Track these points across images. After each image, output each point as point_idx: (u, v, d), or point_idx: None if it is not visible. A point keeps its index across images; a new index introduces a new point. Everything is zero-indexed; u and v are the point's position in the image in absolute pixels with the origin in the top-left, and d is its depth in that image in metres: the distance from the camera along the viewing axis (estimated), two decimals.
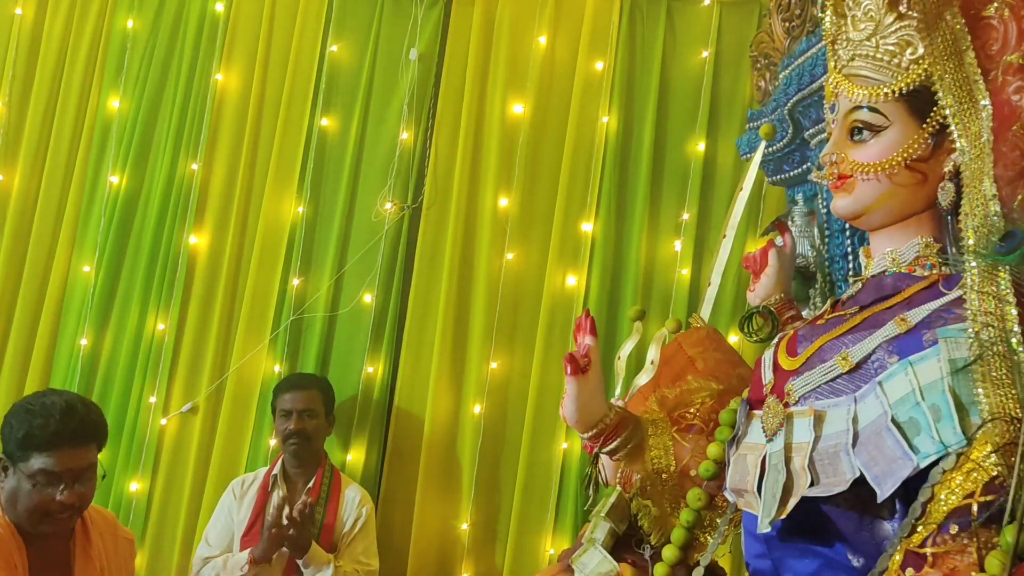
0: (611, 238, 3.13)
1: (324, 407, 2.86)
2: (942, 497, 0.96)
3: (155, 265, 3.29)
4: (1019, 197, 1.03)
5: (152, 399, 3.20)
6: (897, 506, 1.04)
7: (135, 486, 3.17)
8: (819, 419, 1.11)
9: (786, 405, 1.18)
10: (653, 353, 1.74)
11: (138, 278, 3.29)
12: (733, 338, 2.62)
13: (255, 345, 3.21)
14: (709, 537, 1.50)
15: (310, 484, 2.79)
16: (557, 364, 3.07)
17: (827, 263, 1.90)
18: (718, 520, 1.47)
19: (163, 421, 3.20)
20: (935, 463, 0.99)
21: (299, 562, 2.61)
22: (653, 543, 1.62)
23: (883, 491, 1.02)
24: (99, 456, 1.97)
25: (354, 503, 2.81)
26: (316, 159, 3.31)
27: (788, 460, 1.13)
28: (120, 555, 2.12)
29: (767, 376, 1.27)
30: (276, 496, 2.75)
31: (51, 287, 3.34)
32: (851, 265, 1.78)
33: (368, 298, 3.21)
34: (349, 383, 3.19)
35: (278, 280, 3.25)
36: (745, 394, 1.37)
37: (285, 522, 2.55)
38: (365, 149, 3.30)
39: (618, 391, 1.93)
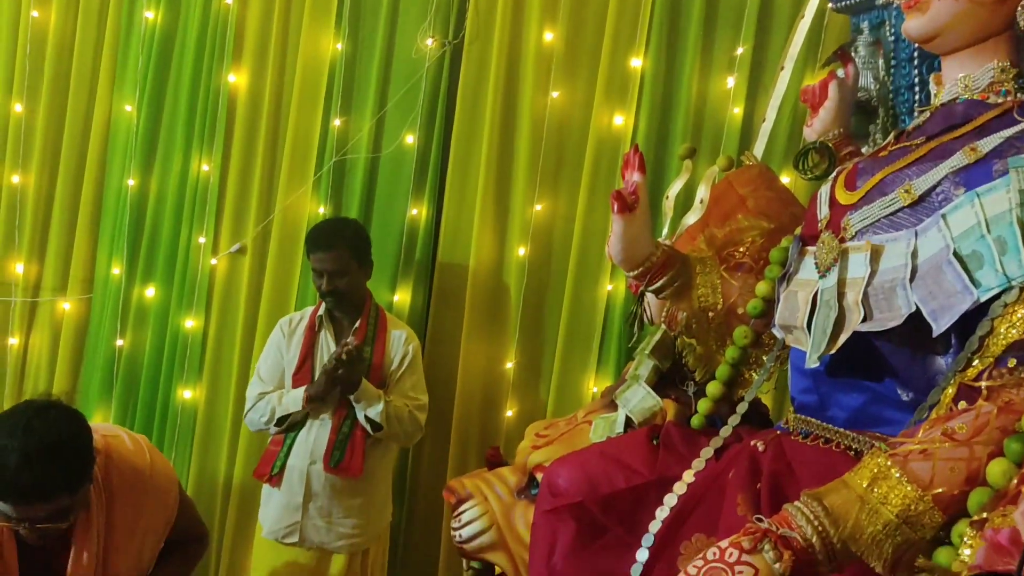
0: (661, 74, 2.99)
1: (356, 260, 2.80)
2: (1002, 331, 0.94)
3: (195, 105, 3.25)
4: None
5: (201, 239, 3.24)
6: (952, 341, 1.02)
7: (190, 323, 3.27)
8: (876, 254, 1.08)
9: (842, 240, 1.15)
10: (702, 192, 1.70)
11: (180, 118, 3.27)
12: (785, 178, 2.54)
13: (299, 187, 3.20)
14: (754, 374, 1.51)
15: (356, 326, 2.84)
16: (603, 206, 3.03)
17: (891, 96, 1.80)
18: (764, 357, 1.47)
19: (213, 261, 3.26)
20: (996, 297, 0.96)
21: (351, 398, 2.70)
22: (697, 379, 1.63)
23: (940, 326, 0.99)
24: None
25: (400, 341, 2.86)
26: None
27: (841, 296, 1.11)
28: (145, 512, 1.97)
29: (823, 211, 1.23)
30: (324, 336, 2.81)
31: (95, 127, 3.33)
32: (917, 97, 1.68)
33: (410, 139, 3.16)
34: (393, 225, 3.19)
35: (319, 120, 3.20)
36: (798, 231, 1.33)
37: (333, 362, 2.62)
38: None
39: (665, 231, 1.90)
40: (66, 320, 3.37)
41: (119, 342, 3.30)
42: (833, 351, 1.09)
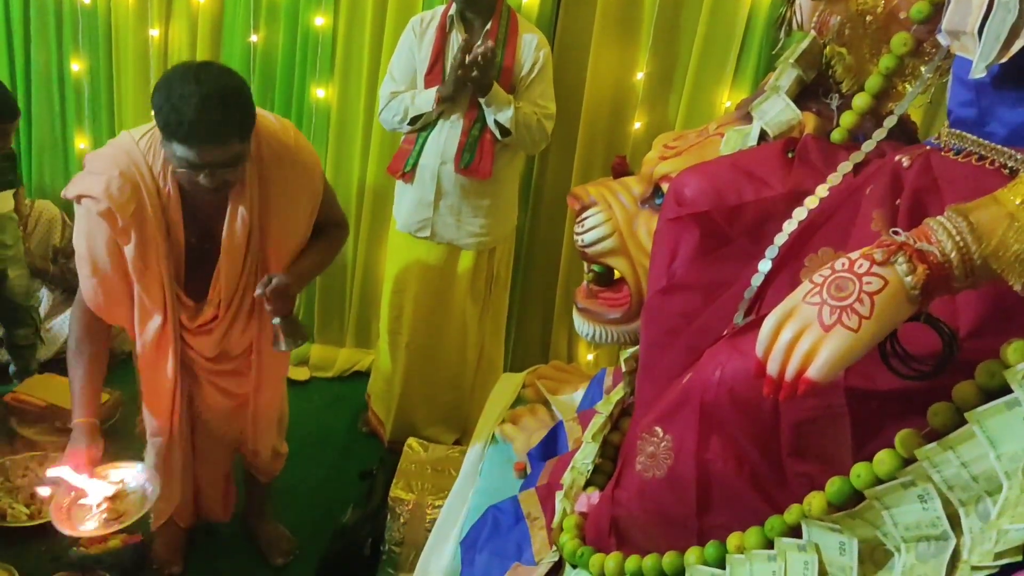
0: None
1: None
2: None
3: None
4: None
5: None
6: None
7: (320, 20, 3.25)
8: None
9: None
10: None
11: None
12: None
13: None
14: (908, 86, 1.40)
15: (487, 27, 2.76)
16: None
17: None
18: (921, 68, 1.36)
19: None
20: None
21: (481, 101, 2.69)
22: (844, 91, 1.53)
23: None
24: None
25: (531, 47, 2.79)
26: None
27: None
28: (292, 186, 2.08)
29: None
30: (455, 37, 2.76)
31: None
32: None
33: None
34: None
35: None
36: None
37: (467, 63, 2.58)
38: None
39: None
40: (201, 13, 3.41)
41: (253, 38, 3.34)
42: (1004, 60, 0.99)
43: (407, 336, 3.07)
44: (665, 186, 1.61)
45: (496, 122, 2.70)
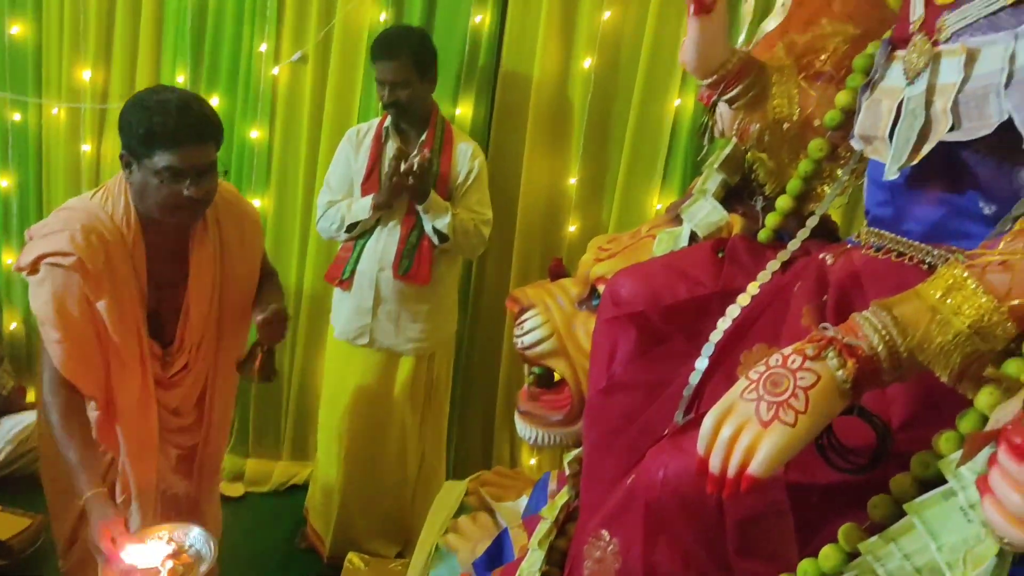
0: None
1: (418, 72, 2.73)
2: None
3: None
4: None
5: (263, 47, 3.20)
6: None
7: (255, 133, 3.29)
8: (971, 58, 1.01)
9: (935, 43, 1.07)
10: None
11: None
12: None
13: None
14: (826, 188, 1.47)
15: (423, 137, 2.82)
16: (675, 13, 2.89)
17: None
18: (838, 171, 1.43)
19: (275, 70, 3.22)
20: None
21: (419, 208, 2.72)
22: (767, 194, 1.59)
23: None
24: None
25: (466, 156, 2.85)
26: None
27: (928, 104, 1.05)
28: (246, 233, 2.17)
29: (916, 12, 1.15)
30: (391, 147, 2.81)
31: None
32: None
33: None
34: (456, 34, 3.09)
35: None
36: (888, 34, 1.25)
37: (403, 172, 2.62)
38: None
39: (742, 38, 1.81)
40: None
41: None
42: (915, 162, 1.05)
43: (346, 445, 3.00)
44: (601, 287, 1.63)
45: (434, 229, 2.74)
